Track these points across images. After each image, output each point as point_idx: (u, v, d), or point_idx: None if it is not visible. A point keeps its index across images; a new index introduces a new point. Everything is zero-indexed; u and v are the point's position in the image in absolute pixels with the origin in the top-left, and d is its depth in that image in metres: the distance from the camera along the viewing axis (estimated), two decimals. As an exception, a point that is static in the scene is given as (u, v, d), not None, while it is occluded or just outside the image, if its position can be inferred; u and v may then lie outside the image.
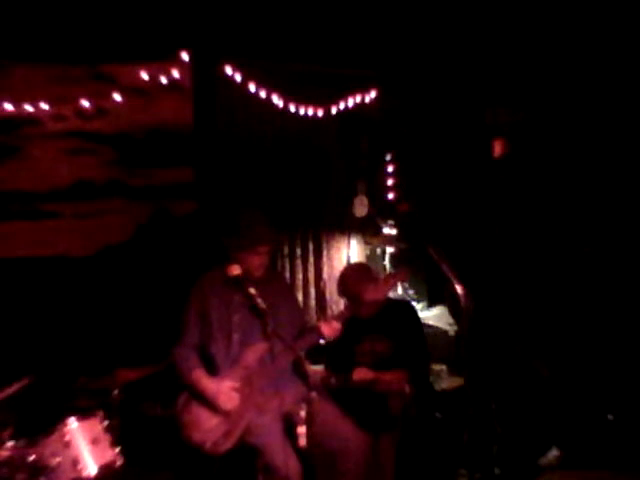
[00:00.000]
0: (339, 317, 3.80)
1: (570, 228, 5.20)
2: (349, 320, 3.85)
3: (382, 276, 5.45)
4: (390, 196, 5.81)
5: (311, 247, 5.58)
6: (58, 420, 3.62)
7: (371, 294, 3.78)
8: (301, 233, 5.56)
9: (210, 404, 3.59)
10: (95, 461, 3.59)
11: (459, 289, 3.64)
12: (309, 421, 3.28)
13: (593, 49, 5.07)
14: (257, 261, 3.74)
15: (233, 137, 5.34)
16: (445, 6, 5.14)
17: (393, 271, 5.47)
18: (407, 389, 3.92)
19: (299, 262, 5.53)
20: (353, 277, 4.23)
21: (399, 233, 5.73)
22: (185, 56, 5.14)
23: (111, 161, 5.29)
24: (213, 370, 3.69)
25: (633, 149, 5.04)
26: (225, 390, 3.58)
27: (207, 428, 3.56)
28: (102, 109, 5.17)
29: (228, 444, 3.53)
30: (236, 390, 3.58)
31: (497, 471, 4.31)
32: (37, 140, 5.16)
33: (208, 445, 3.54)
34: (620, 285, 4.96)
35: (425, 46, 5.43)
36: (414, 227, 5.67)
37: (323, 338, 3.65)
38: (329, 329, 3.65)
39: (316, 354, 4.20)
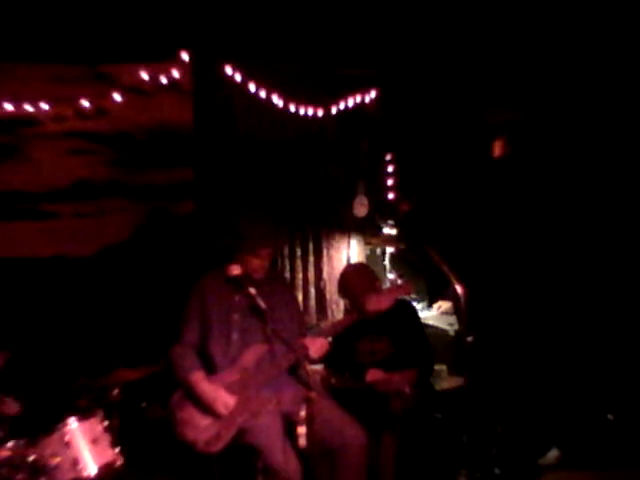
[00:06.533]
0: (326, 332, 3.80)
1: (570, 228, 5.20)
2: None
3: (383, 282, 5.48)
4: (390, 196, 5.81)
5: (311, 247, 5.58)
6: (58, 420, 3.62)
7: (373, 305, 3.77)
8: (301, 233, 5.56)
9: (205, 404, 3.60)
10: (95, 461, 3.59)
11: (459, 289, 3.65)
12: (309, 421, 3.27)
13: (593, 49, 5.07)
14: (257, 263, 3.74)
15: (233, 137, 5.34)
16: (445, 6, 5.14)
17: (398, 283, 5.47)
18: (407, 389, 3.92)
19: (299, 262, 5.53)
20: (353, 277, 4.23)
21: (399, 233, 5.73)
22: (185, 56, 5.15)
23: (111, 161, 5.28)
24: (211, 369, 3.70)
25: (633, 149, 5.04)
26: (223, 396, 3.58)
27: (200, 427, 3.57)
28: (102, 109, 5.16)
29: (220, 444, 3.53)
30: (233, 394, 3.58)
31: (497, 471, 4.31)
32: (37, 140, 5.15)
33: (200, 444, 3.54)
34: (620, 285, 4.96)
35: (425, 46, 5.43)
36: (414, 227, 5.67)
37: (308, 357, 3.61)
38: (315, 347, 3.63)
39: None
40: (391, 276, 5.67)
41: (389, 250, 5.73)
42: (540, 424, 4.59)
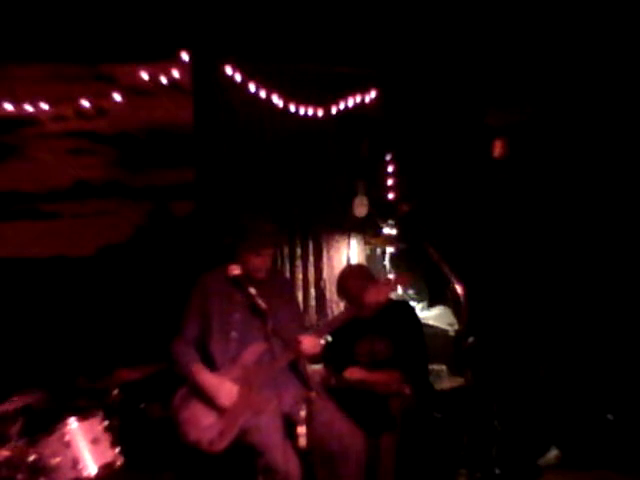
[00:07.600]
0: (319, 332, 3.80)
1: (570, 228, 5.20)
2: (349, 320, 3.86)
3: (382, 278, 5.47)
4: (390, 196, 5.81)
5: (311, 247, 5.58)
6: (58, 420, 3.62)
7: (372, 296, 3.77)
8: (301, 233, 5.56)
9: (208, 401, 3.60)
10: (95, 461, 3.59)
11: (459, 289, 3.65)
12: (309, 421, 3.27)
13: (594, 49, 5.07)
14: (259, 263, 3.75)
15: (233, 137, 5.34)
16: (445, 6, 5.14)
17: (396, 274, 5.47)
18: (407, 389, 3.92)
19: (299, 262, 5.53)
20: (352, 278, 4.23)
21: (399, 233, 5.73)
22: (185, 56, 5.15)
23: (111, 161, 5.29)
24: (211, 368, 3.70)
25: (634, 149, 5.04)
26: (226, 385, 3.59)
27: (203, 426, 3.57)
28: (102, 109, 5.17)
29: (224, 443, 3.53)
30: (235, 388, 3.59)
31: (497, 471, 4.31)
32: (37, 140, 5.16)
33: (204, 443, 3.54)
34: (620, 285, 4.97)
35: (425, 46, 5.43)
36: (414, 227, 5.67)
37: (301, 354, 3.63)
38: (306, 345, 3.62)
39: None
40: (391, 276, 5.67)
41: (389, 250, 5.72)
42: (540, 424, 4.59)
